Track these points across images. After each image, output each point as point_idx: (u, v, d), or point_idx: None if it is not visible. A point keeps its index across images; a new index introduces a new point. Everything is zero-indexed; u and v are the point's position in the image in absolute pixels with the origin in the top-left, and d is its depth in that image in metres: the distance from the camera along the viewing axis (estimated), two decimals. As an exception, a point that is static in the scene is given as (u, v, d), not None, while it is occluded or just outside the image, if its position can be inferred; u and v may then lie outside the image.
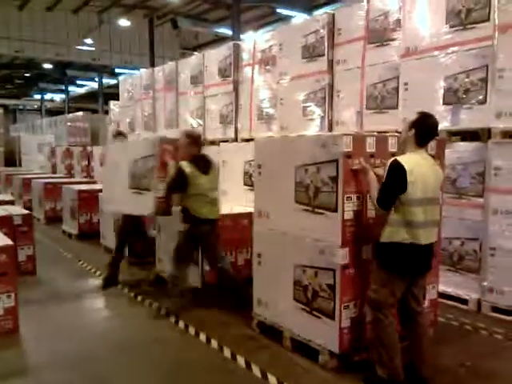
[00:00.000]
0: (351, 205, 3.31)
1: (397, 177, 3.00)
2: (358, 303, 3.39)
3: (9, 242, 4.31)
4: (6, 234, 4.98)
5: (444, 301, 4.64)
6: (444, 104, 4.91)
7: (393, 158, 3.07)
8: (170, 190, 4.58)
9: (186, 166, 4.43)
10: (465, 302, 4.71)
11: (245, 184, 6.66)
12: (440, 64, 4.93)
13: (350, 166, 3.27)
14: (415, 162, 3.05)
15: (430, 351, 3.36)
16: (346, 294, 3.33)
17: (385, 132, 4.20)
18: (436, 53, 4.96)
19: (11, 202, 7.30)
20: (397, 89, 5.39)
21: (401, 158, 3.04)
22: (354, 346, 3.39)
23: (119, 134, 6.32)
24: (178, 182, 4.44)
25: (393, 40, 5.43)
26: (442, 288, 4.64)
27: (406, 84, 5.29)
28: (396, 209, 3.04)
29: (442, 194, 3.70)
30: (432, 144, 3.70)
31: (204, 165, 4.57)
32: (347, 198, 3.29)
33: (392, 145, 3.49)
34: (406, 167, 2.98)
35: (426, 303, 3.79)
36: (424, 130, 3.13)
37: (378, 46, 5.59)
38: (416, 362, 3.19)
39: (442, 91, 4.93)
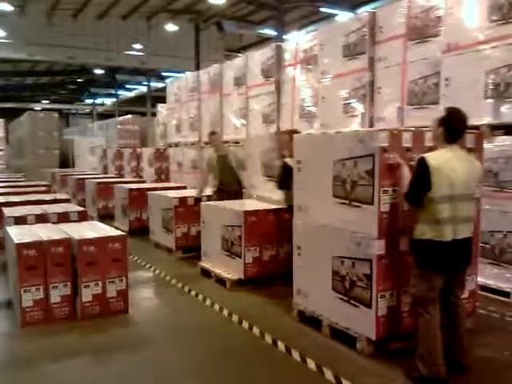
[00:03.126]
0: (387, 198, 3.41)
1: (421, 174, 3.07)
2: (394, 293, 3.50)
3: (121, 232, 4.77)
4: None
5: (485, 294, 4.65)
6: (485, 98, 4.90)
7: (420, 155, 3.14)
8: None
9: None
10: (507, 294, 4.68)
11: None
12: (481, 59, 4.92)
13: (386, 160, 3.38)
14: (443, 159, 3.08)
15: (469, 341, 3.39)
16: (383, 284, 3.44)
17: (426, 127, 4.25)
18: (478, 48, 4.96)
19: (67, 201, 7.72)
20: (438, 84, 5.40)
21: (428, 155, 3.10)
22: (391, 334, 3.50)
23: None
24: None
25: (434, 36, 5.45)
26: (483, 281, 4.66)
27: (447, 79, 5.30)
28: (423, 206, 3.11)
29: (480, 187, 3.74)
30: (470, 137, 3.77)
31: None
32: (383, 191, 3.40)
33: (429, 139, 3.55)
34: (431, 165, 3.03)
35: (465, 294, 3.84)
36: (453, 126, 3.16)
37: (418, 42, 5.61)
38: (455, 351, 3.25)
39: (483, 86, 4.92)
